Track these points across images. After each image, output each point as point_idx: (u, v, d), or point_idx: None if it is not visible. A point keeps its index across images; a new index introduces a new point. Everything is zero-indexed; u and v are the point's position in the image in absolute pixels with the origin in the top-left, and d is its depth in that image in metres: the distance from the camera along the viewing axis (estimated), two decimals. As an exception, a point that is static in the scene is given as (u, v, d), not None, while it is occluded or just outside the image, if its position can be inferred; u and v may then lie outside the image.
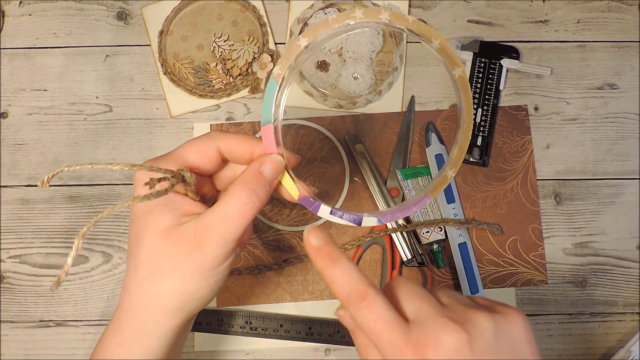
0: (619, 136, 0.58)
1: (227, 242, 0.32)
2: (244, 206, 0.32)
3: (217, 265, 0.33)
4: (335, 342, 0.54)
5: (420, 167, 0.56)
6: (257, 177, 0.33)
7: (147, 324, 0.34)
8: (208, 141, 0.34)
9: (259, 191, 0.32)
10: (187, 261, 0.32)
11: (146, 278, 0.33)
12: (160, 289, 0.33)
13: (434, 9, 0.60)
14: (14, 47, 0.59)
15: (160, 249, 0.32)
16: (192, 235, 0.32)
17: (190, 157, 0.34)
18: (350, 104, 0.57)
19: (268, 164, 0.33)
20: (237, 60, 0.58)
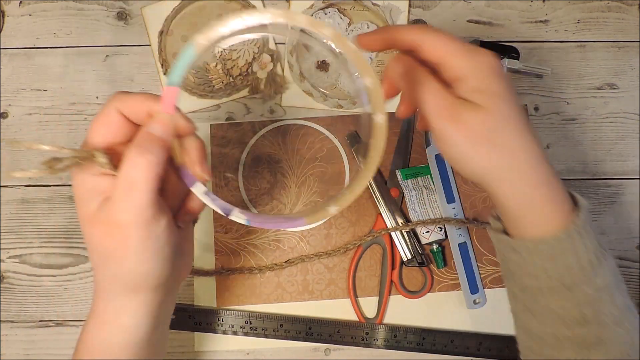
0: (619, 136, 0.58)
1: (139, 209, 0.31)
2: (139, 166, 0.30)
3: (143, 238, 0.31)
4: (335, 342, 0.54)
5: (420, 167, 0.56)
6: (147, 136, 0.32)
7: (116, 303, 0.34)
8: (108, 109, 0.33)
9: (150, 147, 0.31)
10: (113, 242, 0.32)
11: (96, 263, 0.34)
12: (112, 270, 0.33)
13: (434, 9, 0.60)
14: (14, 47, 0.59)
15: (92, 235, 0.33)
16: (107, 216, 0.31)
17: (98, 132, 0.33)
18: (350, 104, 0.57)
19: (155, 123, 0.32)
20: (237, 60, 0.58)
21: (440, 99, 0.33)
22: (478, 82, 0.33)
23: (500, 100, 0.33)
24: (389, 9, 0.58)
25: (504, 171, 0.34)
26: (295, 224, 0.33)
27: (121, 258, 0.32)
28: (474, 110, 0.33)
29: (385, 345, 0.54)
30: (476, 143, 0.33)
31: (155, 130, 0.32)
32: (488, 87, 0.33)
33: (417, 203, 0.55)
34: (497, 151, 0.33)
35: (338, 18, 0.58)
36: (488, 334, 0.54)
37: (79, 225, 0.53)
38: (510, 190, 0.34)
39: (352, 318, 0.55)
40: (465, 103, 0.33)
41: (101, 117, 0.33)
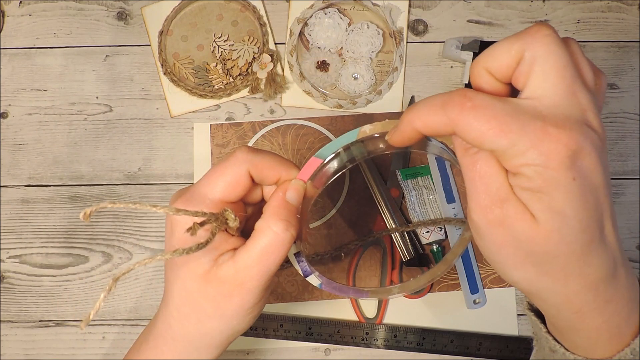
0: (619, 136, 0.58)
1: (266, 280, 0.32)
2: (282, 241, 0.31)
3: (259, 300, 0.33)
4: (335, 342, 0.54)
5: (420, 167, 0.56)
6: (286, 206, 0.31)
7: (192, 355, 0.35)
8: (238, 168, 0.32)
9: (292, 221, 0.31)
10: (229, 302, 0.32)
11: (190, 318, 0.33)
12: (205, 328, 0.33)
13: (434, 9, 0.60)
14: (14, 47, 0.59)
15: (201, 292, 0.32)
16: (232, 278, 0.31)
17: (223, 189, 0.32)
18: (350, 104, 0.57)
19: (293, 190, 0.32)
20: (237, 60, 0.58)
21: (493, 188, 0.25)
22: (538, 183, 0.24)
23: (563, 222, 0.24)
24: (389, 9, 0.58)
25: (550, 294, 0.27)
26: (361, 296, 0.38)
27: (230, 318, 0.33)
28: (527, 223, 0.25)
29: (385, 345, 0.54)
30: (523, 261, 0.26)
31: (293, 199, 0.32)
32: (549, 199, 0.24)
33: (417, 203, 0.55)
34: (545, 275, 0.26)
35: (338, 18, 0.58)
36: (488, 334, 0.54)
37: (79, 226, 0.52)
38: (556, 313, 0.29)
39: (352, 318, 0.55)
40: (518, 206, 0.25)
41: (230, 173, 0.32)
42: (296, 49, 0.58)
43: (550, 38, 0.24)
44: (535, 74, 0.24)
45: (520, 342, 0.54)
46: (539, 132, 0.23)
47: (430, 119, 0.26)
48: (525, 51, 0.24)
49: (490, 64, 0.26)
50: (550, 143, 0.23)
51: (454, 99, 0.25)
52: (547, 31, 0.24)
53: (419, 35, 0.59)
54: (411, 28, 0.59)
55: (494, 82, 0.26)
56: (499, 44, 0.25)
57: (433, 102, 0.26)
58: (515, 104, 0.24)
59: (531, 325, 0.34)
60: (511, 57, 0.25)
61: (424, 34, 0.59)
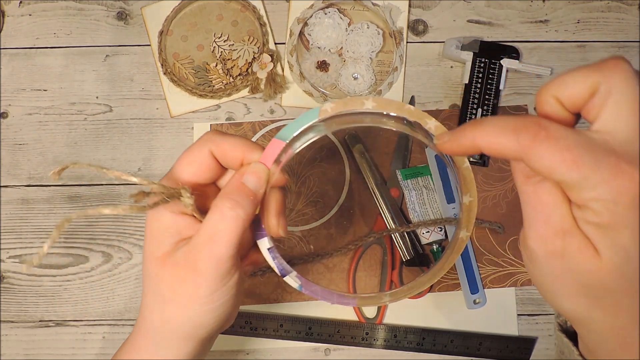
0: (619, 136, 0.58)
1: (219, 261, 0.30)
2: (228, 220, 0.30)
3: (214, 289, 0.31)
4: (335, 342, 0.54)
5: (420, 167, 0.56)
6: (239, 188, 0.31)
7: (160, 346, 0.33)
8: (200, 147, 0.32)
9: (241, 201, 0.30)
10: (183, 287, 0.31)
11: (154, 304, 0.33)
12: (166, 315, 0.32)
13: (434, 9, 0.60)
14: (14, 47, 0.59)
15: (159, 276, 0.32)
16: (184, 260, 0.31)
17: (186, 169, 0.33)
18: (350, 104, 0.57)
19: (251, 175, 0.31)
20: (237, 60, 0.58)
21: (555, 219, 0.25)
22: (606, 219, 0.23)
23: (627, 259, 0.24)
24: (389, 9, 0.58)
25: (598, 325, 0.27)
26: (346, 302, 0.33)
27: (185, 305, 0.31)
28: (589, 257, 0.24)
29: (385, 345, 0.54)
30: (578, 293, 0.26)
31: (250, 183, 0.31)
32: (616, 235, 0.24)
33: (417, 203, 0.55)
34: (598, 308, 0.26)
35: (338, 18, 0.58)
36: (488, 334, 0.54)
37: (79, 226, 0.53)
38: (598, 341, 0.28)
39: (352, 318, 0.55)
40: (581, 239, 0.25)
41: (192, 155, 0.32)
42: (296, 49, 0.58)
43: (628, 73, 0.24)
44: (609, 108, 0.24)
45: (520, 342, 0.54)
46: (612, 167, 0.23)
47: (498, 140, 0.25)
48: (601, 84, 0.24)
49: (562, 92, 0.25)
50: (623, 180, 0.23)
51: (528, 127, 0.24)
52: (625, 66, 0.24)
53: (419, 35, 0.59)
54: (411, 28, 0.59)
55: (561, 110, 0.26)
56: (574, 73, 0.25)
57: (505, 124, 0.25)
58: (588, 137, 0.24)
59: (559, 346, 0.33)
60: (586, 88, 0.25)
61: (424, 34, 0.59)
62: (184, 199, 0.30)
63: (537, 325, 0.55)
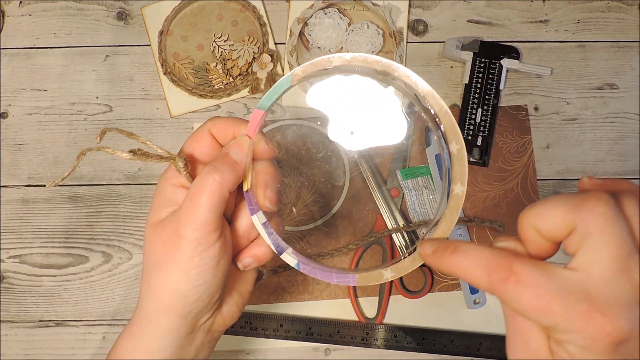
0: (619, 136, 0.58)
1: (197, 224, 0.31)
2: (205, 183, 0.31)
3: (192, 254, 0.31)
4: (335, 342, 0.54)
5: (420, 167, 0.56)
6: (221, 157, 0.32)
7: (145, 319, 0.34)
8: (201, 128, 0.35)
9: (219, 166, 0.32)
10: (165, 251, 0.32)
11: (144, 271, 0.34)
12: (151, 282, 0.33)
13: (434, 9, 0.60)
14: (14, 47, 0.59)
15: (150, 241, 0.33)
16: (170, 224, 0.32)
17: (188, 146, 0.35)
18: (350, 104, 0.57)
19: (233, 145, 0.33)
20: (237, 60, 0.58)
21: (532, 346, 0.26)
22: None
23: None
24: (389, 9, 0.58)
25: None
26: (346, 280, 0.32)
27: (165, 270, 0.32)
28: None
29: (385, 345, 0.54)
30: None
31: (232, 151, 0.33)
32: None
33: (417, 203, 0.55)
34: None
35: (338, 18, 0.58)
36: (488, 334, 0.54)
37: (79, 226, 0.53)
38: None
39: (352, 318, 0.55)
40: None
41: (194, 134, 0.35)
42: (296, 49, 0.58)
43: (606, 217, 0.24)
44: (586, 250, 0.24)
45: (520, 342, 0.54)
46: (584, 316, 0.23)
47: (471, 274, 0.26)
48: (577, 225, 0.24)
49: (540, 225, 0.25)
50: (594, 330, 0.23)
51: (499, 269, 0.25)
52: (604, 208, 0.24)
53: (419, 35, 0.59)
54: (411, 28, 0.59)
55: (541, 239, 0.26)
56: (551, 206, 0.25)
57: (479, 260, 0.26)
58: (561, 280, 0.24)
59: None
60: (563, 227, 0.25)
61: (424, 34, 0.59)
62: (177, 162, 0.32)
63: (537, 325, 0.55)
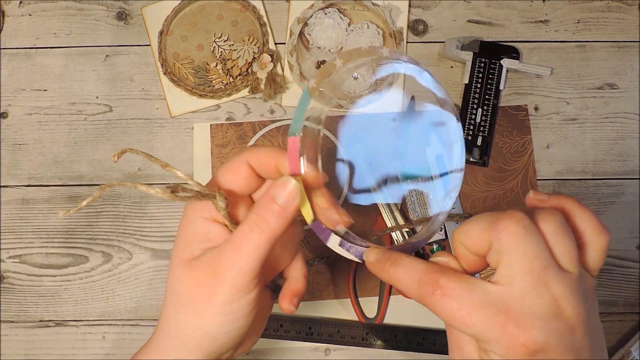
0: (619, 136, 0.58)
1: (240, 271, 0.30)
2: (253, 233, 0.30)
3: (230, 300, 0.30)
4: (335, 342, 0.54)
5: (420, 167, 0.56)
6: (267, 203, 0.31)
7: (168, 351, 0.33)
8: (238, 158, 0.33)
9: (268, 218, 0.30)
10: (200, 292, 0.31)
11: (170, 306, 0.33)
12: (179, 319, 0.32)
13: (434, 9, 0.60)
14: (14, 47, 0.59)
15: (181, 277, 0.32)
16: (208, 265, 0.31)
17: (223, 178, 0.33)
18: (350, 104, 0.57)
19: (279, 189, 0.31)
20: (237, 60, 0.58)
21: (465, 351, 0.29)
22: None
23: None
24: (389, 9, 0.58)
25: None
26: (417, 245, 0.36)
27: (200, 311, 0.31)
28: None
29: (385, 345, 0.54)
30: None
31: (278, 197, 0.31)
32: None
33: (417, 203, 0.55)
34: None
35: (338, 18, 0.58)
36: (488, 334, 0.54)
37: (79, 226, 0.52)
38: None
39: (352, 318, 0.55)
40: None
41: (230, 165, 0.33)
42: (296, 49, 0.58)
43: (517, 235, 0.25)
44: (503, 265, 0.26)
45: (520, 342, 0.54)
46: (500, 327, 0.25)
47: (406, 288, 0.29)
48: (492, 243, 0.26)
49: (465, 242, 0.28)
50: (510, 341, 0.25)
51: (427, 283, 0.28)
52: (515, 227, 0.26)
53: (419, 35, 0.59)
54: (411, 28, 0.59)
55: (470, 254, 0.29)
56: (473, 225, 0.28)
57: (411, 277, 0.29)
58: (483, 294, 0.26)
59: None
60: (482, 244, 0.27)
61: (424, 34, 0.59)
62: (217, 201, 0.30)
63: (537, 325, 0.55)
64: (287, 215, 0.31)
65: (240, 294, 0.31)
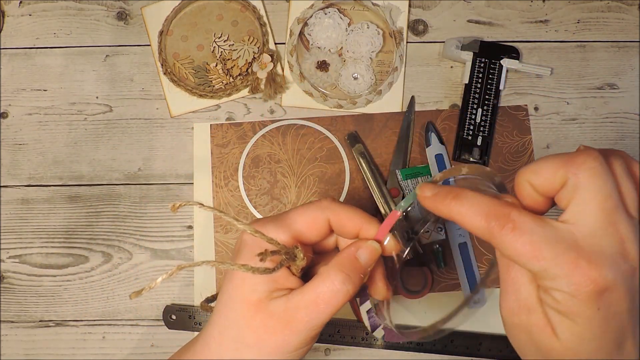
0: (619, 136, 0.58)
1: (313, 326, 0.31)
2: (336, 292, 0.31)
3: (299, 348, 0.32)
4: (335, 342, 0.54)
5: (420, 167, 0.56)
6: (352, 262, 0.31)
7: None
8: (320, 212, 0.33)
9: (353, 277, 0.31)
10: (271, 339, 0.31)
11: (230, 344, 0.33)
12: (240, 355, 0.32)
13: (434, 9, 0.60)
14: (14, 47, 0.59)
15: (248, 320, 0.32)
16: (281, 314, 0.31)
17: (300, 227, 0.33)
18: (350, 104, 0.57)
19: (365, 250, 0.32)
20: (237, 60, 0.58)
21: (522, 296, 0.28)
22: (564, 308, 0.26)
23: (582, 343, 0.26)
24: (389, 9, 0.58)
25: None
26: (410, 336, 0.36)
27: (267, 354, 0.32)
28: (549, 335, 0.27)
29: (385, 345, 0.54)
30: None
31: (363, 258, 0.32)
32: (572, 323, 0.26)
33: (417, 203, 0.55)
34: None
35: (338, 18, 0.58)
36: (488, 334, 0.54)
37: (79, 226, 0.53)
38: None
39: (352, 318, 0.55)
40: (543, 319, 0.27)
41: (311, 214, 0.33)
42: (296, 49, 0.58)
43: (594, 171, 0.25)
44: (576, 202, 0.26)
45: (520, 342, 0.54)
46: (571, 263, 0.25)
47: (470, 221, 0.28)
48: (569, 179, 0.26)
49: (534, 180, 0.27)
50: (580, 277, 0.25)
51: (498, 216, 0.27)
52: (593, 163, 0.25)
53: (419, 35, 0.59)
54: (411, 28, 0.59)
55: (535, 195, 0.28)
56: (545, 162, 0.27)
57: (479, 208, 0.27)
58: (554, 230, 0.26)
59: None
60: (555, 181, 0.27)
61: (424, 34, 0.59)
62: (298, 260, 0.31)
63: (537, 325, 0.55)
64: (366, 275, 0.32)
65: (307, 343, 0.32)
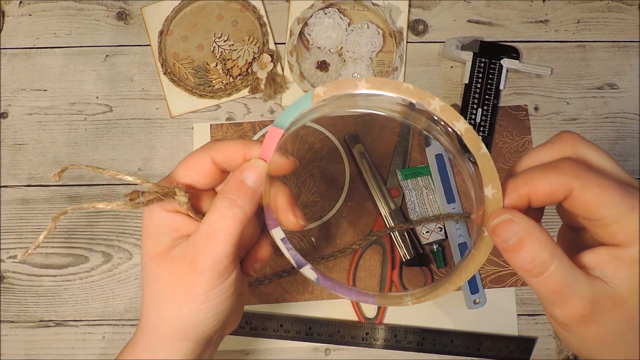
0: (619, 136, 0.58)
1: (216, 259, 0.30)
2: (226, 219, 0.30)
3: (211, 287, 0.31)
4: (335, 342, 0.54)
5: (420, 167, 0.56)
6: (238, 186, 0.31)
7: (156, 347, 0.33)
8: (201, 154, 0.33)
9: (240, 201, 0.30)
10: (179, 284, 0.31)
11: (150, 302, 0.33)
12: (162, 313, 0.32)
13: (434, 9, 0.60)
14: (14, 47, 0.59)
15: (156, 273, 0.32)
16: (182, 257, 0.31)
17: (184, 174, 0.33)
18: (350, 104, 0.57)
19: (249, 171, 0.31)
20: (237, 60, 0.58)
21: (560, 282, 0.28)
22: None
23: None
24: (389, 9, 0.58)
25: None
26: (365, 300, 0.32)
27: (181, 302, 0.31)
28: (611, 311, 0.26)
29: (385, 345, 0.54)
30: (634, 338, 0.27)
31: (248, 179, 0.31)
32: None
33: (417, 203, 0.55)
34: None
35: (338, 18, 0.58)
36: (488, 334, 0.54)
37: (79, 226, 0.52)
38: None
39: (352, 318, 0.55)
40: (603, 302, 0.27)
41: (191, 161, 0.33)
42: (296, 49, 0.58)
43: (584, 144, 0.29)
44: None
45: (520, 342, 0.54)
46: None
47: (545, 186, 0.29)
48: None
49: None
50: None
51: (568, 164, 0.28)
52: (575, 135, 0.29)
53: (419, 35, 0.59)
54: (411, 28, 0.59)
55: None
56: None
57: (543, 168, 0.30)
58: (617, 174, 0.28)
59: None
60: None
61: (424, 34, 0.59)
62: (178, 197, 0.30)
63: (537, 325, 0.55)
64: (257, 196, 0.31)
65: (220, 279, 0.31)
